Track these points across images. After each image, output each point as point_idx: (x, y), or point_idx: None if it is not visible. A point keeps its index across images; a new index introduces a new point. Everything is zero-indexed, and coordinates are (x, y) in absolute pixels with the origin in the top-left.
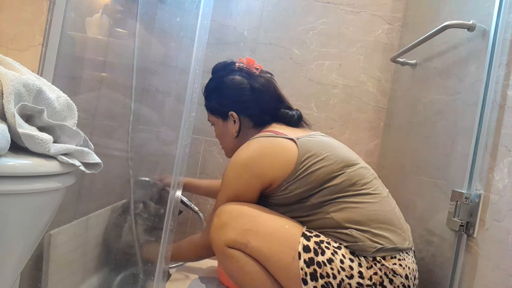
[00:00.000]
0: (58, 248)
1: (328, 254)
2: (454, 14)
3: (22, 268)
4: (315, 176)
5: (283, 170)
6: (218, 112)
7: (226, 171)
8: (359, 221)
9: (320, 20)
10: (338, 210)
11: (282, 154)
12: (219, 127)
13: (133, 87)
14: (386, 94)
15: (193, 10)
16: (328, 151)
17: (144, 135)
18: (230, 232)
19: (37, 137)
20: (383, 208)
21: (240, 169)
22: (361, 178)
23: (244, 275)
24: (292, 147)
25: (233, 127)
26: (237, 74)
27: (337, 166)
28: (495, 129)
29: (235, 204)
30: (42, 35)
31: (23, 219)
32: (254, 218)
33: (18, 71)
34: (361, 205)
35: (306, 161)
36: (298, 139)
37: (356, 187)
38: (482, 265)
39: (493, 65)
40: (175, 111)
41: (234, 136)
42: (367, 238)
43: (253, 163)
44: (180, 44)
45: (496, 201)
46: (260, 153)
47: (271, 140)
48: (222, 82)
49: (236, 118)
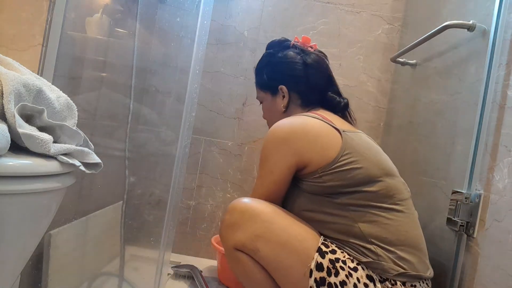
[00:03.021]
0: (58, 248)
1: (342, 276)
2: (454, 14)
3: (22, 268)
4: (354, 174)
5: (322, 157)
6: (268, 87)
7: (263, 145)
8: (386, 239)
9: (320, 20)
10: (367, 222)
11: (325, 139)
12: (268, 103)
13: (132, 87)
14: (386, 94)
15: (193, 10)
16: (371, 153)
17: (144, 135)
18: (240, 234)
19: (37, 137)
20: (413, 231)
21: (279, 142)
22: (399, 192)
23: (249, 280)
24: (337, 137)
25: (282, 102)
26: (290, 50)
27: (377, 172)
28: (495, 129)
29: (250, 201)
30: (42, 35)
31: (23, 219)
32: (267, 225)
33: (18, 71)
34: (393, 222)
35: (347, 156)
36: (344, 131)
37: (392, 201)
38: (482, 265)
39: (493, 65)
40: (175, 111)
41: (282, 111)
42: (391, 260)
43: (294, 138)
44: (180, 44)
45: (496, 201)
46: (303, 130)
47: (316, 121)
48: (274, 57)
49: (285, 92)
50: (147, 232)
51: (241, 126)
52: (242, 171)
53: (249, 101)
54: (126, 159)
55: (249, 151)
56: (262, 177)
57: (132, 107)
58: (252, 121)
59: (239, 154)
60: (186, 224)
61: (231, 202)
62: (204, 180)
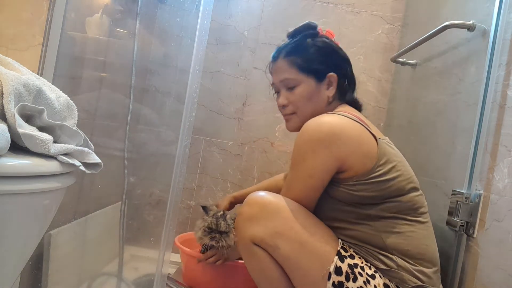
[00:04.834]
0: (58, 248)
1: (360, 282)
2: (454, 14)
3: (22, 268)
4: (387, 186)
5: (363, 164)
6: (314, 71)
7: (299, 144)
8: (408, 251)
9: (320, 20)
10: (390, 233)
11: (365, 147)
12: (308, 88)
13: (131, 86)
14: (386, 94)
15: (193, 10)
16: (402, 165)
17: (144, 135)
18: (260, 229)
19: (37, 137)
20: (433, 245)
21: (319, 144)
22: (422, 205)
23: (263, 277)
24: (374, 144)
25: (327, 92)
26: (328, 40)
27: (408, 184)
28: (495, 129)
29: (270, 196)
30: (42, 35)
31: (23, 219)
32: (289, 222)
33: (18, 71)
34: (415, 235)
35: (383, 166)
36: (379, 139)
37: (416, 214)
38: (482, 265)
39: (493, 65)
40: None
41: (328, 102)
42: (411, 271)
43: (338, 142)
44: (180, 44)
45: (496, 201)
46: (347, 134)
47: (357, 125)
48: (320, 41)
49: (335, 81)
50: (147, 232)
51: (241, 126)
52: (242, 171)
53: (249, 101)
54: (125, 159)
55: (249, 151)
56: (299, 179)
57: (132, 107)
58: (252, 121)
59: (239, 154)
60: (186, 224)
61: (249, 195)
62: (204, 180)
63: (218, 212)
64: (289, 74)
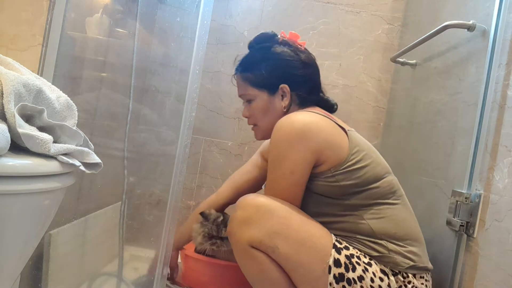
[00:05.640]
0: (58, 248)
1: (359, 271)
2: (454, 14)
3: (22, 268)
4: (364, 172)
5: (336, 155)
6: (265, 85)
7: (275, 143)
8: (396, 234)
9: (320, 20)
10: (376, 219)
11: (337, 137)
12: (262, 101)
13: (131, 86)
14: (386, 94)
15: (193, 10)
16: (373, 153)
17: (144, 135)
18: (256, 231)
19: (37, 137)
20: (415, 224)
21: (295, 139)
22: (398, 187)
23: (263, 280)
24: (344, 135)
25: (282, 102)
26: (286, 47)
27: (382, 170)
28: (495, 129)
29: (262, 197)
30: (42, 35)
31: (23, 219)
32: (284, 221)
33: (18, 71)
34: (398, 217)
35: (356, 154)
36: (348, 130)
37: (396, 196)
38: (482, 265)
39: (493, 65)
40: (175, 111)
41: (282, 112)
42: (401, 253)
43: (311, 135)
44: (180, 44)
45: (496, 201)
46: (317, 127)
47: (324, 119)
48: (272, 53)
49: (287, 91)
50: (147, 232)
51: (241, 126)
52: None
53: None
54: (125, 159)
55: (249, 151)
56: (281, 178)
57: (132, 107)
58: None
59: (239, 154)
60: None
61: (240, 198)
62: (204, 180)
63: (218, 218)
64: (245, 90)
